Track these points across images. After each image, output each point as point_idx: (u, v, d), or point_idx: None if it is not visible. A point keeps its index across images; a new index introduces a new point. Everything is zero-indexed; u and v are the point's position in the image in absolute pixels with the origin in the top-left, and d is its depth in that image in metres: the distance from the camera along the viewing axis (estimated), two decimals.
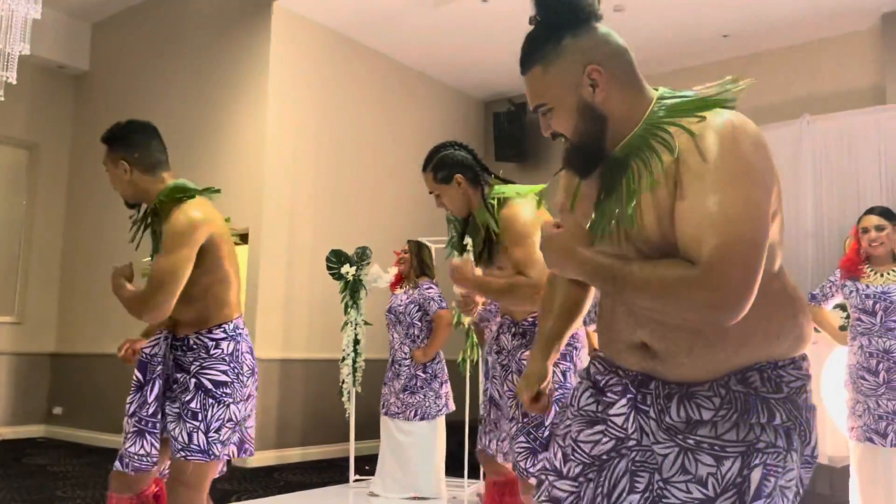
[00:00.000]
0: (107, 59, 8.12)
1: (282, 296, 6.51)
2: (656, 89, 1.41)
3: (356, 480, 5.39)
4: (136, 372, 2.43)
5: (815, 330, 3.85)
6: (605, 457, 1.40)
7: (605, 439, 1.41)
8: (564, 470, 1.45)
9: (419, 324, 4.94)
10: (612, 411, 1.41)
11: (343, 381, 5.37)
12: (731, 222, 1.19)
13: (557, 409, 1.76)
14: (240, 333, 2.47)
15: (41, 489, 5.05)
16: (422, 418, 4.88)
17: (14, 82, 5.21)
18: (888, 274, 3.56)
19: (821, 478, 4.41)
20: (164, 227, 2.36)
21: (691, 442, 1.31)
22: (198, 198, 2.45)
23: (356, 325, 5.35)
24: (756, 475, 1.26)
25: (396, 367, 4.95)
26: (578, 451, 1.44)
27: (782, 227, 1.37)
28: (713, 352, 1.31)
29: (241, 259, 5.57)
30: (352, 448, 5.48)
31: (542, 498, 1.46)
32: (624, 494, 1.36)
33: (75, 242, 8.04)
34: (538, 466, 1.55)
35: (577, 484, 1.42)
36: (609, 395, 1.44)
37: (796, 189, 6.59)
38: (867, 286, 3.55)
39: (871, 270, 3.59)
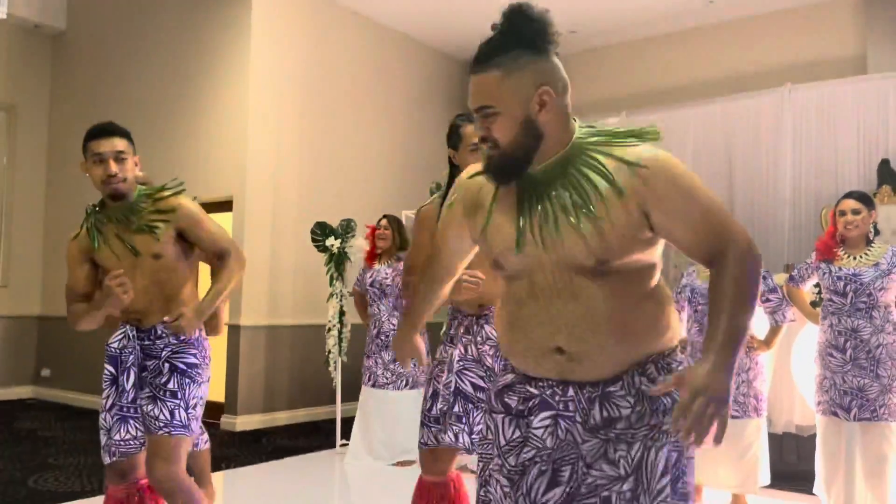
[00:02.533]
0: (84, 18, 7.96)
1: (267, 263, 6.56)
2: (573, 119, 1.55)
3: (342, 445, 5.53)
4: (108, 366, 2.57)
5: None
6: (527, 462, 1.54)
7: (528, 450, 1.54)
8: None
9: None
10: (533, 426, 1.54)
11: (329, 352, 5.47)
12: (720, 214, 1.49)
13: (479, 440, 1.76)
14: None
15: (33, 456, 5.16)
16: (412, 387, 5.01)
17: None
18: (860, 257, 3.67)
19: (788, 446, 4.60)
20: (174, 213, 2.52)
21: (612, 435, 1.50)
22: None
23: (341, 296, 5.43)
24: (662, 454, 1.47)
25: (383, 338, 5.06)
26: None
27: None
28: (621, 347, 1.49)
29: (226, 227, 5.60)
30: (338, 414, 5.60)
31: None
32: (541, 490, 1.51)
33: (57, 203, 8.01)
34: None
35: None
36: (531, 416, 1.56)
37: (775, 157, 6.67)
38: (839, 268, 3.67)
39: (845, 253, 3.70)
